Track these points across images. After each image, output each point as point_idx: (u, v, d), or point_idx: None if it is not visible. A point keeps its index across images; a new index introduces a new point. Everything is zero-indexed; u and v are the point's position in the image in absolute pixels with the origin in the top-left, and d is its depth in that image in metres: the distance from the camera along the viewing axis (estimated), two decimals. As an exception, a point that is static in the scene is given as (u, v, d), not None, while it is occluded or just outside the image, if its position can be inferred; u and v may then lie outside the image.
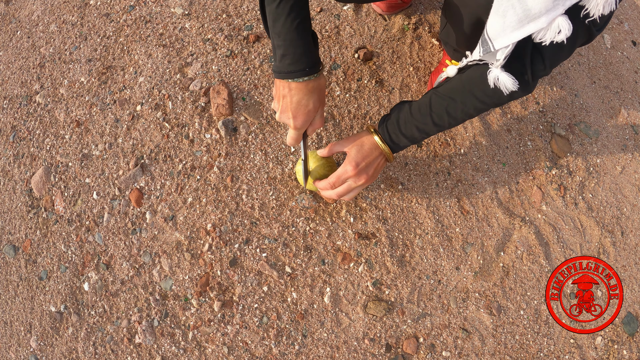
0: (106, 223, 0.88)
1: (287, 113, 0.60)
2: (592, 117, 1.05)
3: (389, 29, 0.94)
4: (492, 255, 0.87)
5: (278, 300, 0.79)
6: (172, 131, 0.88)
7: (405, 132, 0.65)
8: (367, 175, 0.66)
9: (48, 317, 0.89)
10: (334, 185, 0.68)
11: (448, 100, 0.61)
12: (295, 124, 0.60)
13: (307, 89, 0.58)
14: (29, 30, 1.15)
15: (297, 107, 0.59)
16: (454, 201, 0.86)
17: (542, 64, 0.54)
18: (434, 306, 0.82)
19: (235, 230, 0.82)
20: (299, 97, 0.58)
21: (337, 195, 0.69)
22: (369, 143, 0.67)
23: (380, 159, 0.67)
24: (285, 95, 0.58)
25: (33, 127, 1.01)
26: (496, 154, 0.92)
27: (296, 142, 0.65)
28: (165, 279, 0.83)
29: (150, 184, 0.86)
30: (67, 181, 0.94)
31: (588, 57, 1.13)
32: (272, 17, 0.54)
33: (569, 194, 0.97)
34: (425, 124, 0.63)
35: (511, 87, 0.53)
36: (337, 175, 0.67)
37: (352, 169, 0.65)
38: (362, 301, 0.80)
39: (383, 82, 0.89)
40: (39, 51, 1.11)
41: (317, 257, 0.81)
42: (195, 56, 0.93)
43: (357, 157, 0.66)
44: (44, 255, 0.93)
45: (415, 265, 0.83)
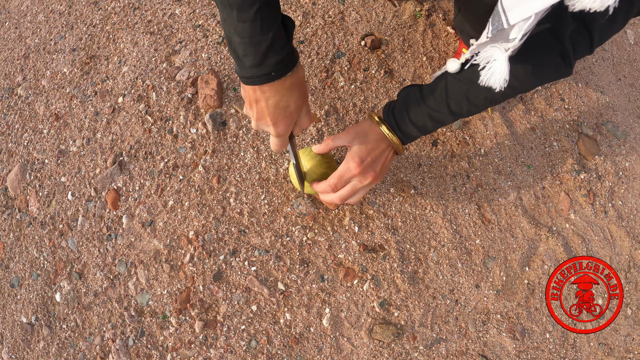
0: (80, 227, 0.71)
1: (264, 120, 0.44)
2: (619, 116, 0.87)
3: (399, 15, 0.76)
4: (516, 270, 0.68)
5: (269, 322, 0.61)
6: (155, 125, 0.70)
7: (415, 121, 0.50)
8: (374, 173, 0.50)
9: (19, 328, 0.73)
10: (336, 187, 0.51)
11: (469, 84, 0.46)
12: (277, 131, 0.45)
13: (284, 87, 0.42)
14: (17, 21, 0.99)
15: (275, 112, 0.43)
16: (473, 208, 0.68)
17: (586, 41, 0.40)
18: (449, 330, 0.64)
19: (220, 239, 0.64)
20: (275, 99, 0.42)
21: (341, 199, 0.51)
22: (374, 133, 0.51)
23: (389, 151, 0.51)
24: (258, 99, 0.43)
25: (12, 121, 0.84)
26: (520, 155, 0.73)
27: (281, 147, 0.49)
28: (142, 292, 0.65)
29: (128, 184, 0.69)
30: (42, 180, 0.77)
31: (612, 52, 0.95)
32: (222, 7, 0.37)
33: (599, 201, 0.78)
34: (440, 111, 0.48)
35: (499, 84, 0.39)
36: (338, 175, 0.50)
37: (356, 166, 0.49)
38: (367, 324, 0.62)
39: (393, 73, 0.71)
40: (24, 42, 0.94)
41: (315, 272, 0.63)
42: (184, 43, 0.75)
43: (361, 152, 0.50)
44: (16, 260, 0.76)
45: (429, 282, 0.64)
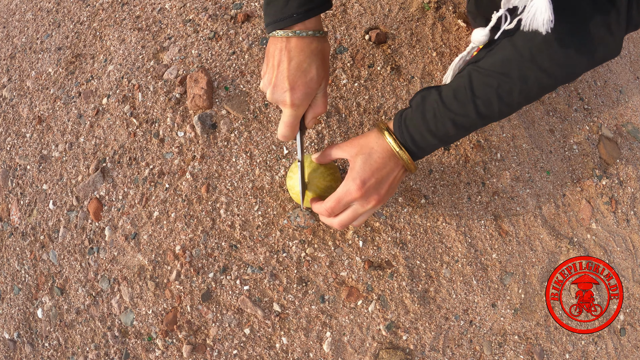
0: (61, 239, 0.64)
1: (282, 84, 0.40)
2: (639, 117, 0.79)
3: (406, 7, 0.68)
4: (535, 287, 0.61)
5: (263, 347, 0.54)
6: (140, 128, 0.63)
7: (435, 130, 0.42)
8: (378, 196, 0.43)
9: (2, 344, 0.67)
10: (333, 212, 0.44)
11: (499, 78, 0.38)
12: (292, 98, 0.40)
13: (310, 49, 0.39)
14: (5, 20, 0.93)
15: (296, 74, 0.40)
16: (489, 219, 0.60)
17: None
18: (463, 354, 0.56)
19: (210, 255, 0.56)
20: (298, 59, 0.39)
21: (340, 225, 0.44)
22: (381, 150, 0.43)
23: (397, 171, 0.44)
24: (281, 60, 0.40)
25: (-5, 125, 0.77)
26: (539, 159, 0.65)
27: (292, 131, 0.43)
28: (126, 311, 0.58)
29: (112, 193, 0.62)
30: (24, 187, 0.70)
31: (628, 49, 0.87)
32: None
33: (621, 209, 0.71)
34: (466, 115, 0.40)
35: (544, 25, 0.32)
36: (336, 198, 0.43)
37: (357, 189, 0.42)
38: (372, 349, 0.54)
39: (400, 69, 0.63)
40: (12, 41, 0.88)
41: (315, 292, 0.55)
42: (173, 40, 0.68)
43: (364, 172, 0.42)
44: (-3, 273, 0.70)
45: (441, 302, 0.57)
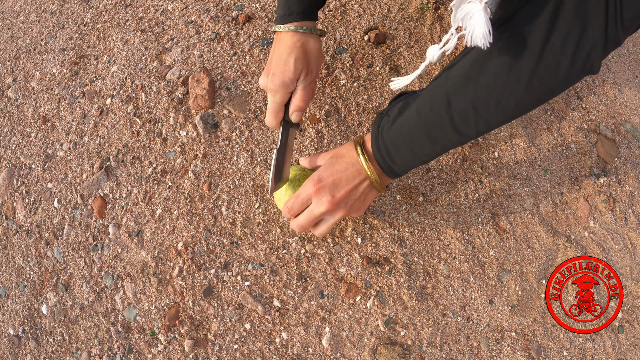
0: (66, 236, 0.65)
1: (267, 70, 0.45)
2: (638, 116, 0.79)
3: (405, 8, 0.69)
4: (532, 284, 0.61)
5: (264, 342, 0.55)
6: (143, 128, 0.64)
7: (411, 144, 0.38)
8: (332, 198, 0.40)
9: (7, 340, 0.68)
10: (292, 209, 0.44)
11: (475, 88, 0.33)
12: (270, 84, 0.43)
13: (291, 41, 0.43)
14: (9, 22, 0.94)
15: (277, 62, 0.44)
16: (487, 217, 0.60)
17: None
18: (460, 350, 0.57)
19: (211, 252, 0.57)
20: (280, 50, 0.44)
21: (299, 227, 0.44)
22: (348, 156, 0.41)
23: (359, 180, 0.41)
24: (272, 50, 0.46)
25: (1, 125, 0.79)
26: (536, 157, 0.66)
27: (274, 117, 0.45)
28: (129, 307, 0.59)
29: (115, 191, 0.62)
30: (29, 186, 0.71)
31: (627, 48, 0.87)
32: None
33: (619, 207, 0.71)
34: (441, 127, 0.36)
35: (482, 40, 0.28)
36: (295, 194, 0.43)
37: (312, 185, 0.41)
38: (370, 345, 0.55)
39: (399, 69, 0.64)
40: (16, 42, 0.89)
41: (314, 288, 0.56)
42: (175, 41, 0.69)
43: (324, 171, 0.41)
44: (3, 270, 0.71)
45: (438, 298, 0.57)
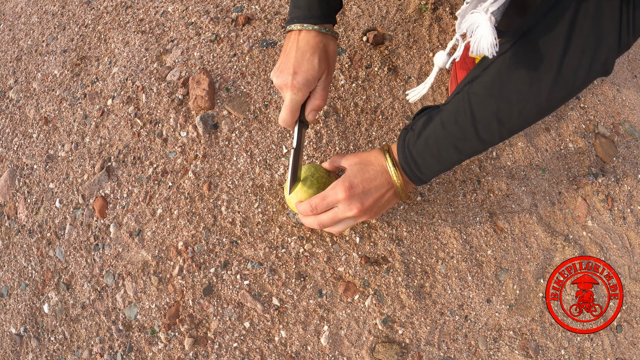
0: (67, 236, 0.66)
1: (288, 69, 0.43)
2: (637, 115, 0.79)
3: (404, 9, 0.69)
4: (530, 283, 0.61)
5: (263, 340, 0.55)
6: (144, 129, 0.64)
7: (438, 155, 0.41)
8: (361, 205, 0.43)
9: (9, 338, 0.68)
10: (316, 209, 0.45)
11: (498, 100, 0.37)
12: (294, 82, 0.43)
13: (316, 41, 0.44)
14: (11, 23, 0.94)
15: (301, 61, 0.43)
16: (485, 216, 0.61)
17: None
18: (458, 348, 0.57)
19: (211, 251, 0.58)
20: (304, 48, 0.43)
21: (320, 225, 0.45)
22: (377, 164, 0.44)
23: (386, 189, 0.44)
24: (290, 49, 0.44)
25: (3, 126, 0.79)
26: (534, 157, 0.66)
27: (291, 116, 0.44)
28: (130, 306, 0.60)
29: (116, 191, 0.63)
30: (31, 186, 0.71)
31: (627, 48, 0.87)
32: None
33: (617, 206, 0.71)
34: (468, 139, 0.39)
35: (489, 50, 0.31)
36: (322, 196, 0.44)
37: (344, 191, 0.42)
38: (368, 343, 0.55)
39: (397, 70, 0.64)
40: (18, 44, 0.90)
41: (313, 286, 0.56)
42: (175, 42, 0.69)
43: (354, 177, 0.43)
44: (5, 269, 0.72)
45: (436, 297, 0.58)
